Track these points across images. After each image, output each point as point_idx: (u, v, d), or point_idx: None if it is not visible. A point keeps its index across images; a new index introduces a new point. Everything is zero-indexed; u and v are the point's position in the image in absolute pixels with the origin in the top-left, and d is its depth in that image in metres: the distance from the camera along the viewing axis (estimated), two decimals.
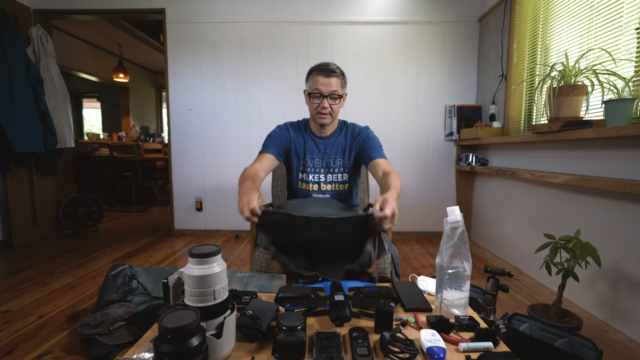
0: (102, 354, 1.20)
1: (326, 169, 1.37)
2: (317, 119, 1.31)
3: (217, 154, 2.98)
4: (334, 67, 1.28)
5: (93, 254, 2.51)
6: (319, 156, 1.37)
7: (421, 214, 2.99)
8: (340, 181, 1.37)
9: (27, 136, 2.50)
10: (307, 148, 1.37)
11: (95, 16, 2.98)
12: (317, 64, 1.30)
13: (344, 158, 1.37)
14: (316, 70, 1.28)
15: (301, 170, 1.37)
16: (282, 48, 2.87)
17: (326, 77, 1.26)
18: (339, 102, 1.30)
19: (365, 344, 0.69)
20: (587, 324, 1.49)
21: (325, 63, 1.29)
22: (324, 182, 1.36)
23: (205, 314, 0.63)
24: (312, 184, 1.36)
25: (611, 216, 1.51)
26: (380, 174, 1.21)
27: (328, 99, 1.27)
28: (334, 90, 1.26)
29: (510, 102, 2.42)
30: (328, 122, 1.32)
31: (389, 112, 2.92)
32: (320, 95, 1.27)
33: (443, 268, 0.84)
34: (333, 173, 1.37)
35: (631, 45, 1.47)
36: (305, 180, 1.37)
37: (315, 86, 1.27)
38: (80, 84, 5.78)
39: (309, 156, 1.37)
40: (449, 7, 2.82)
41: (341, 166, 1.37)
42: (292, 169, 1.40)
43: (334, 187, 1.37)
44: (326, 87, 1.26)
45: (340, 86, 1.28)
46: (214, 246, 0.68)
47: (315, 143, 1.37)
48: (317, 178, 1.36)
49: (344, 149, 1.38)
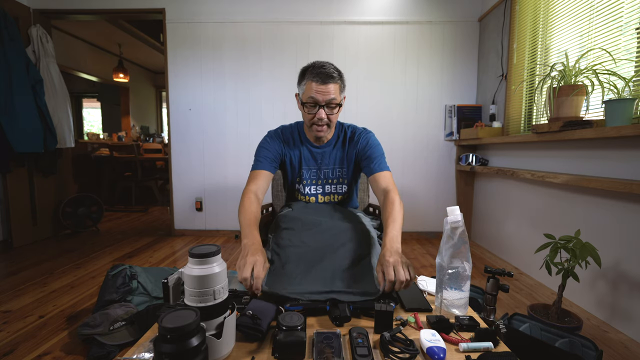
0: (102, 354, 1.20)
1: (323, 180, 1.27)
2: (312, 130, 1.16)
3: (217, 154, 2.98)
4: (331, 71, 1.08)
5: (93, 254, 2.51)
6: (316, 167, 1.26)
7: (421, 214, 2.99)
8: (339, 192, 1.29)
9: (27, 136, 2.50)
10: (303, 158, 1.25)
11: (95, 16, 2.98)
12: (311, 64, 1.11)
13: (342, 169, 1.27)
14: (310, 74, 1.09)
15: (297, 181, 1.28)
16: (282, 48, 2.87)
17: (322, 84, 1.07)
18: (337, 111, 1.14)
19: (365, 344, 0.69)
20: (587, 324, 1.49)
21: (320, 64, 1.09)
22: (322, 194, 1.28)
23: (205, 314, 0.63)
24: (309, 197, 1.28)
25: (611, 216, 1.51)
26: (381, 193, 1.11)
27: (325, 108, 1.10)
28: (332, 99, 1.09)
29: (510, 102, 2.42)
30: (325, 134, 1.18)
31: (388, 112, 2.92)
32: (316, 105, 1.10)
33: (443, 268, 0.84)
34: (331, 184, 1.27)
35: (631, 45, 1.47)
36: (302, 192, 1.28)
37: (309, 94, 1.09)
38: (80, 84, 5.78)
39: (305, 167, 1.26)
40: (449, 7, 2.82)
41: (339, 177, 1.28)
42: (288, 179, 1.31)
43: (332, 198, 1.30)
44: (323, 95, 1.08)
45: (338, 92, 1.11)
46: (214, 246, 0.68)
47: (311, 153, 1.25)
48: (315, 190, 1.27)
49: (342, 159, 1.26)
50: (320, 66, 1.09)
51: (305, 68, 1.13)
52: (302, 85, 1.14)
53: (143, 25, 4.11)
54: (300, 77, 1.14)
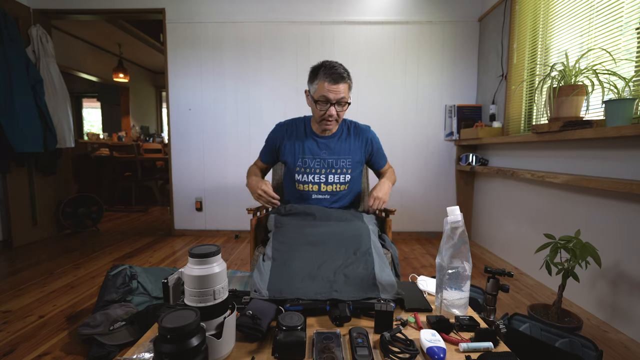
0: (102, 354, 1.20)
1: (328, 169, 1.33)
2: (322, 125, 1.29)
3: (217, 154, 2.98)
4: (342, 71, 1.19)
5: (93, 254, 2.51)
6: (320, 156, 1.33)
7: (421, 214, 2.99)
8: (342, 182, 1.34)
9: (27, 136, 2.50)
10: (308, 148, 1.34)
11: (95, 16, 2.98)
12: (323, 64, 1.21)
13: (345, 159, 1.34)
14: (323, 74, 1.18)
15: (301, 171, 1.34)
16: (282, 48, 2.87)
17: (334, 84, 1.18)
18: (346, 108, 1.26)
19: (365, 344, 0.69)
20: (587, 324, 1.49)
21: (332, 65, 1.19)
22: (325, 183, 1.33)
23: (205, 314, 0.63)
24: (312, 185, 1.33)
25: (611, 216, 1.51)
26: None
27: (336, 105, 1.21)
28: (342, 97, 1.21)
29: (511, 102, 2.42)
30: (333, 128, 1.31)
31: (389, 112, 2.92)
32: (328, 102, 1.21)
33: (443, 268, 0.84)
34: (335, 173, 1.33)
35: (631, 45, 1.47)
36: (304, 181, 1.33)
37: (322, 92, 1.19)
38: (80, 84, 5.78)
39: (309, 156, 1.33)
40: (449, 7, 2.82)
41: (346, 167, 1.34)
42: (290, 169, 1.37)
43: (335, 187, 1.34)
44: (334, 94, 1.19)
45: (347, 91, 1.23)
46: (214, 246, 0.68)
47: (317, 143, 1.34)
48: (318, 179, 1.33)
49: (351, 149, 1.35)
50: (332, 66, 1.19)
51: (317, 67, 1.22)
52: (314, 84, 1.22)
53: (143, 25, 4.11)
54: (312, 76, 1.23)
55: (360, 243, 1.04)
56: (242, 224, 2.99)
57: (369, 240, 1.06)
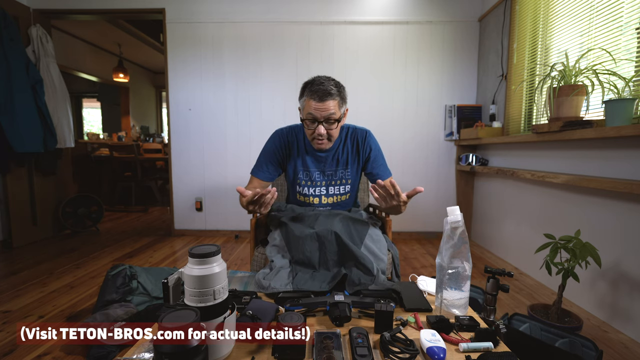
0: (102, 353, 1.20)
1: (328, 182, 1.30)
2: (314, 144, 1.20)
3: (217, 154, 2.98)
4: (329, 87, 1.09)
5: (93, 254, 2.51)
6: (320, 170, 1.29)
7: (421, 214, 2.99)
8: (343, 192, 1.32)
9: (27, 136, 2.50)
10: (307, 162, 1.29)
11: (95, 16, 2.98)
12: (310, 81, 1.13)
13: (345, 170, 1.30)
14: (309, 91, 1.10)
15: (302, 184, 1.31)
16: (282, 48, 2.86)
17: (320, 102, 1.08)
18: (337, 126, 1.15)
19: (365, 344, 0.69)
20: (587, 324, 1.49)
21: (318, 81, 1.10)
22: (325, 196, 1.31)
23: (205, 314, 0.63)
24: (313, 198, 1.31)
25: (611, 216, 1.51)
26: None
27: (324, 123, 1.12)
28: (331, 114, 1.10)
29: (511, 102, 2.42)
30: (326, 147, 1.20)
31: (388, 112, 2.92)
32: (315, 121, 1.12)
33: (443, 268, 0.84)
34: (335, 185, 1.30)
35: (631, 45, 1.47)
36: (305, 194, 1.31)
37: (308, 111, 1.11)
38: (80, 84, 5.78)
39: (309, 170, 1.29)
40: (449, 7, 2.82)
41: (345, 177, 1.31)
42: (290, 182, 1.34)
43: (336, 199, 1.32)
44: (320, 112, 1.09)
45: (338, 107, 1.12)
46: (214, 246, 0.68)
47: (315, 157, 1.29)
48: (319, 192, 1.30)
49: (347, 160, 1.29)
50: (319, 83, 1.10)
51: (305, 84, 1.15)
52: (301, 102, 1.16)
53: (143, 25, 4.11)
54: (301, 93, 1.16)
55: (357, 233, 1.13)
56: (242, 224, 2.99)
57: (365, 228, 1.15)
